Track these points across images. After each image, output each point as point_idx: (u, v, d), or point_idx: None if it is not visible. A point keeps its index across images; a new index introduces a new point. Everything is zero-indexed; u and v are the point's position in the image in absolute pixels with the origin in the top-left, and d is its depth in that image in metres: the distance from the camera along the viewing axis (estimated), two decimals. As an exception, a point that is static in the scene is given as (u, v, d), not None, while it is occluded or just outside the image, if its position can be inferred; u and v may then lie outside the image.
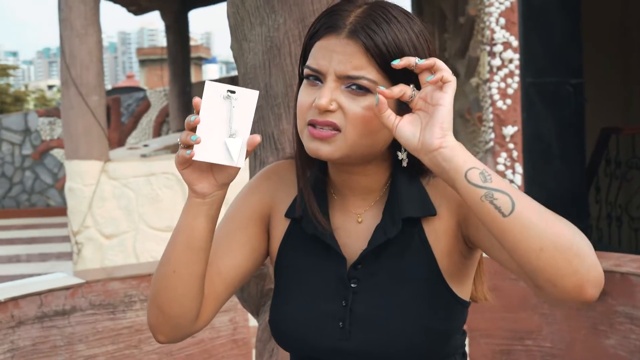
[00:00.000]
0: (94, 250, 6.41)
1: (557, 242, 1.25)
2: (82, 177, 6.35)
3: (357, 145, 1.42)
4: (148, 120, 12.68)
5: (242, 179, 1.51)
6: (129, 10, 10.52)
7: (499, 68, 5.78)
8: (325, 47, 1.43)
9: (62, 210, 11.62)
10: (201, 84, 13.12)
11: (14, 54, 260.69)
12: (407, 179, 1.51)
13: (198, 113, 1.33)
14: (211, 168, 1.39)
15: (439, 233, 1.49)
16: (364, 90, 1.40)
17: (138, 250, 6.35)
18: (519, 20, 5.82)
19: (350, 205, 1.55)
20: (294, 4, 2.36)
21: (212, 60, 54.44)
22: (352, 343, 1.46)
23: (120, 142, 12.14)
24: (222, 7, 12.05)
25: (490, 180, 1.28)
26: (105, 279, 3.70)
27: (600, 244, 7.00)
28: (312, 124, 1.42)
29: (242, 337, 3.89)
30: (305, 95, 1.45)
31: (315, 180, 1.57)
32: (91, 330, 3.62)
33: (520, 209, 1.26)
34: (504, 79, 5.78)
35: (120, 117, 12.51)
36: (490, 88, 5.77)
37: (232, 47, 2.58)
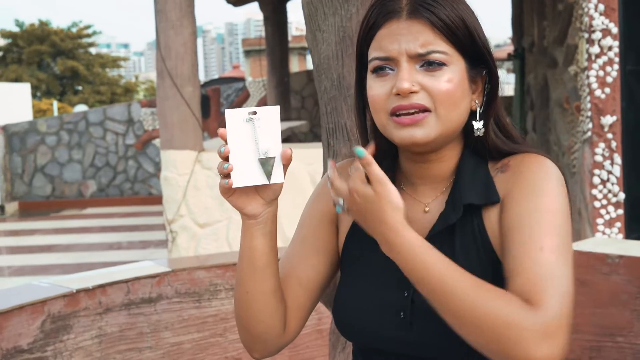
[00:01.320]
0: (188, 239, 6.51)
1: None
2: (177, 166, 6.45)
3: (448, 121, 1.43)
4: (247, 110, 12.78)
5: (317, 171, 1.50)
6: (228, 2, 10.61)
7: (597, 56, 5.60)
8: (388, 33, 1.43)
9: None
10: (304, 73, 13.13)
11: (125, 45, 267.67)
12: (475, 164, 1.49)
13: (227, 143, 1.37)
14: (256, 189, 1.43)
15: (495, 224, 1.45)
16: (438, 65, 1.41)
17: (230, 239, 6.41)
18: (618, 6, 5.63)
19: (419, 195, 1.54)
20: (367, -7, 2.33)
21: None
22: (413, 333, 1.44)
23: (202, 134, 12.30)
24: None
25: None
26: (191, 267, 3.74)
27: None
28: (395, 113, 1.42)
29: (327, 327, 3.88)
30: (379, 87, 1.44)
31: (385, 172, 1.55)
32: (177, 318, 3.67)
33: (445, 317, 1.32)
34: (602, 67, 5.60)
35: (220, 107, 12.68)
36: (588, 76, 5.61)
37: (306, 38, 2.57)
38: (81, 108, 25.38)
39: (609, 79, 5.60)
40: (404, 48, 1.41)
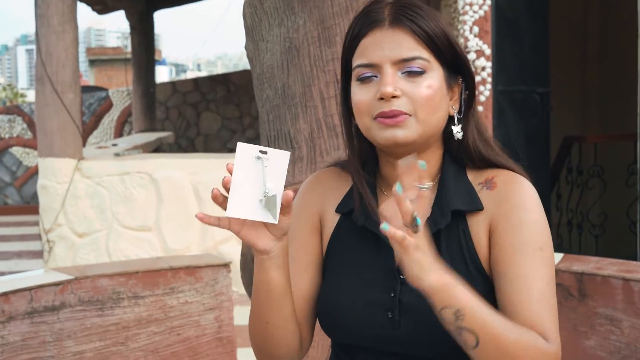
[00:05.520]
0: (66, 249, 6.36)
1: None
2: (56, 174, 6.30)
3: (427, 124, 1.51)
4: (110, 119, 12.56)
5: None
6: (94, 9, 10.42)
7: (471, 75, 5.85)
8: (372, 42, 1.52)
9: (20, 209, 11.47)
10: (169, 84, 12.92)
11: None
12: (455, 170, 1.58)
13: (231, 174, 1.38)
14: (265, 226, 1.45)
15: (481, 234, 1.55)
16: (419, 72, 1.50)
17: (111, 249, 6.31)
18: (491, 29, 5.92)
19: None
20: (314, 6, 2.41)
21: (162, 62, 54.03)
22: (401, 332, 1.51)
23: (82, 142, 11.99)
24: (171, 10, 11.97)
25: (461, 320, 1.37)
26: (94, 275, 3.71)
27: (560, 250, 7.11)
28: (380, 117, 1.50)
29: (227, 335, 3.93)
30: (364, 93, 1.53)
31: (367, 177, 1.63)
32: (79, 326, 3.62)
33: (483, 348, 1.37)
34: (476, 87, 5.86)
35: (82, 117, 12.35)
36: (462, 95, 5.84)
37: (246, 47, 2.62)
38: None
39: (482, 98, 5.87)
40: (387, 55, 1.50)
